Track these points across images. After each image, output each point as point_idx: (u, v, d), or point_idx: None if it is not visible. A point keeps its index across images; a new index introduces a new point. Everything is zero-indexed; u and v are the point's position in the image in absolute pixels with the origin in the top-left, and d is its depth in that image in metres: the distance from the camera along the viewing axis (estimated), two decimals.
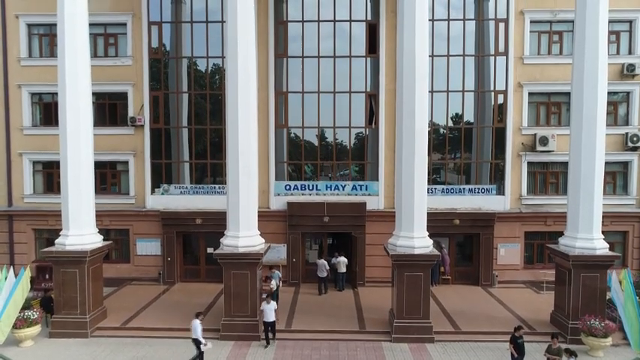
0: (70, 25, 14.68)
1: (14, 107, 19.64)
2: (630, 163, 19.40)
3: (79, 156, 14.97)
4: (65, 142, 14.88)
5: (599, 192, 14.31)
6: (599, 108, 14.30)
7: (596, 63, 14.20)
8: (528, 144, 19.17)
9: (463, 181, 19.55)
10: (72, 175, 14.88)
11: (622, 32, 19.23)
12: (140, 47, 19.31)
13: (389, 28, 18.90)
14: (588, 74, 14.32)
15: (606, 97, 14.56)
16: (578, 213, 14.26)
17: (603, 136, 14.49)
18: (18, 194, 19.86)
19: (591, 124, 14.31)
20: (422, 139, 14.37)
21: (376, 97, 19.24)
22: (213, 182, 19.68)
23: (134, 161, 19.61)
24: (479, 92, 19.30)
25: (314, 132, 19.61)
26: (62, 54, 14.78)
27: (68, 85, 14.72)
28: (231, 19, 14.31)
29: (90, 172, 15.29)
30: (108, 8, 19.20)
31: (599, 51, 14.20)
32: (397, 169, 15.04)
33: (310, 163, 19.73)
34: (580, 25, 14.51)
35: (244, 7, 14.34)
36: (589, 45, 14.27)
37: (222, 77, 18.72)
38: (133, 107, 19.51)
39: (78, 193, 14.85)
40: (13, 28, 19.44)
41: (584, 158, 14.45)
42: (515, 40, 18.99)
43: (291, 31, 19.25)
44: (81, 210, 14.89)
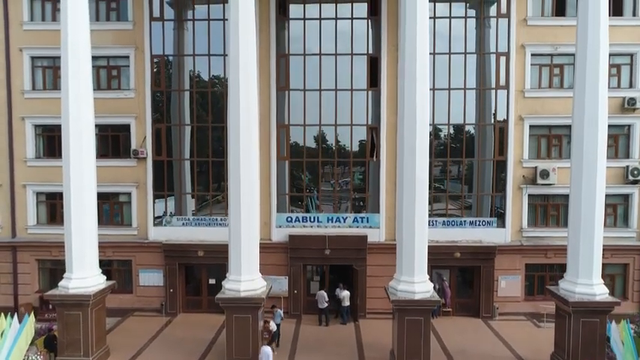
0: (74, 58, 14.82)
1: (18, 139, 19.78)
2: (631, 196, 19.44)
3: (82, 189, 15.13)
4: (68, 175, 14.98)
5: (599, 237, 14.38)
6: (600, 142, 14.36)
7: (596, 97, 14.27)
8: (529, 177, 19.23)
9: (464, 214, 19.60)
10: (75, 212, 15.03)
11: (623, 65, 19.27)
12: (143, 80, 19.43)
13: (390, 61, 18.96)
14: (589, 108, 14.38)
15: (607, 131, 14.57)
16: (578, 258, 14.33)
17: (604, 173, 14.54)
18: (22, 225, 20.01)
19: (592, 159, 14.35)
20: (422, 179, 14.44)
21: (377, 130, 19.32)
22: (214, 214, 19.78)
23: (136, 193, 19.74)
24: (480, 125, 19.37)
25: (316, 163, 19.72)
26: (65, 86, 14.92)
27: (71, 117, 14.87)
28: (233, 52, 14.40)
29: (93, 208, 15.43)
30: (110, 41, 19.31)
31: (600, 85, 14.26)
32: (398, 210, 15.14)
33: (311, 195, 19.85)
34: (581, 59, 14.57)
35: (246, 41, 14.45)
36: (590, 79, 14.34)
37: (225, 109, 18.80)
38: (135, 139, 19.64)
39: (81, 231, 14.99)
40: (16, 61, 19.57)
41: (584, 197, 14.55)
42: (517, 73, 19.05)
43: (292, 64, 19.34)
44: (84, 251, 15.02)
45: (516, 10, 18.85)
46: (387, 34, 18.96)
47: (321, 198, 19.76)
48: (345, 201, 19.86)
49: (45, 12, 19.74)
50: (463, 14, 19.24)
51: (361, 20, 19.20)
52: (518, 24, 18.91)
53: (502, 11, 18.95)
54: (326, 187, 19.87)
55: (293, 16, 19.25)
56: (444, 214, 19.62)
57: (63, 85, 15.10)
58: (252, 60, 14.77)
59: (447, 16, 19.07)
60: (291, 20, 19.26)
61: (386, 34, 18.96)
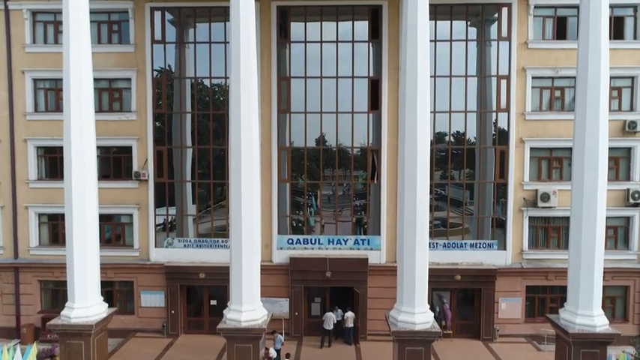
0: (76, 81, 14.86)
1: (20, 160, 19.87)
2: (632, 219, 19.44)
3: (84, 211, 15.19)
4: (70, 196, 15.01)
5: (600, 267, 14.40)
6: (601, 165, 14.38)
7: (597, 119, 14.31)
8: (530, 199, 19.25)
9: (465, 236, 19.63)
10: (77, 236, 15.07)
11: (624, 88, 19.28)
12: (144, 102, 19.49)
13: (391, 84, 19.00)
14: (590, 131, 14.43)
15: (608, 154, 14.60)
16: (579, 288, 14.36)
17: (604, 198, 14.55)
18: (24, 246, 20.09)
19: (593, 182, 14.36)
20: (423, 201, 14.45)
21: (378, 152, 19.36)
22: (216, 235, 19.84)
23: (138, 214, 19.81)
24: (481, 148, 19.40)
25: (317, 185, 19.77)
26: (67, 108, 14.97)
27: (73, 139, 14.93)
28: (234, 75, 14.41)
29: (95, 232, 15.43)
30: (112, 64, 19.39)
31: (601, 108, 14.31)
32: (399, 238, 15.15)
33: (313, 217, 19.92)
34: (582, 82, 14.59)
35: (247, 64, 14.43)
36: (590, 102, 14.37)
37: (226, 131, 18.87)
38: (137, 161, 19.70)
39: (83, 258, 15.03)
40: (19, 83, 19.65)
41: (584, 223, 14.57)
42: (517, 96, 19.07)
43: (294, 87, 19.39)
44: (86, 279, 15.03)
45: (517, 33, 18.87)
46: (388, 57, 18.99)
47: (322, 219, 19.80)
48: (346, 222, 19.89)
49: (47, 34, 19.81)
50: (464, 33, 19.24)
51: (362, 43, 19.22)
52: (519, 47, 18.93)
53: (503, 34, 18.96)
54: (327, 209, 19.89)
55: (294, 39, 19.29)
56: (444, 236, 19.66)
57: (65, 107, 15.14)
58: (254, 83, 14.78)
59: (448, 39, 19.08)
60: (292, 43, 19.30)
61: (387, 56, 19.00)
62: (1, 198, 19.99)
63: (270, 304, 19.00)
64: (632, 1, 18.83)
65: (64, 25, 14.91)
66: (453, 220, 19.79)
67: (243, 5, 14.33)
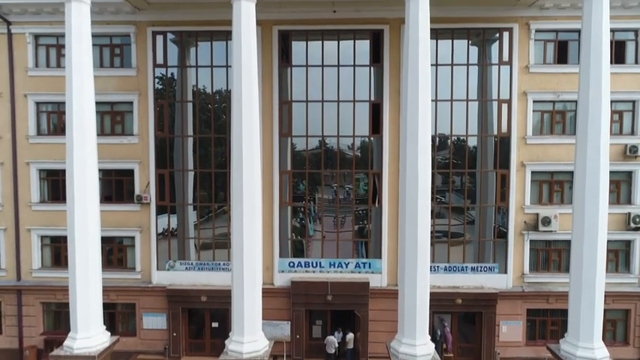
0: (78, 104, 14.89)
1: (23, 183, 19.94)
2: (633, 242, 19.46)
3: (86, 233, 15.19)
4: (73, 219, 15.00)
5: (601, 299, 14.43)
6: (602, 189, 14.40)
7: (598, 144, 14.34)
8: (531, 223, 19.28)
9: (466, 259, 19.66)
10: (80, 261, 15.07)
11: (625, 112, 19.29)
12: (146, 126, 19.56)
13: (392, 108, 19.04)
14: (591, 155, 14.45)
15: (609, 178, 14.64)
16: (580, 320, 14.39)
17: (605, 223, 14.55)
18: (26, 268, 20.18)
19: (594, 207, 14.38)
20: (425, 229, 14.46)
21: (380, 175, 19.40)
22: (217, 259, 19.90)
23: (140, 237, 19.87)
24: (481, 172, 19.43)
25: (318, 208, 19.84)
26: (70, 132, 15.01)
27: (76, 162, 14.96)
28: (236, 99, 14.44)
29: (97, 257, 15.41)
30: (114, 88, 19.45)
31: (602, 132, 14.33)
32: (400, 268, 15.14)
33: (314, 240, 19.98)
34: (583, 106, 14.59)
35: (249, 88, 14.44)
36: (592, 126, 14.39)
37: (228, 155, 18.95)
38: (139, 184, 19.76)
39: (86, 286, 15.04)
40: (21, 107, 19.72)
41: (586, 253, 14.59)
42: (518, 120, 19.08)
43: (295, 110, 19.45)
44: (89, 309, 15.02)
45: (518, 57, 18.89)
46: (389, 81, 19.03)
47: (323, 243, 19.86)
48: (347, 246, 19.93)
49: (49, 57, 19.88)
50: (465, 53, 19.22)
51: (364, 67, 19.26)
52: (520, 71, 18.95)
53: (504, 58, 18.99)
54: (329, 231, 19.95)
55: (296, 63, 19.33)
56: (446, 259, 19.68)
57: (67, 131, 15.16)
58: (255, 107, 14.79)
59: (449, 63, 19.11)
60: (293, 67, 19.34)
61: (388, 80, 19.03)
62: (3, 220, 20.08)
63: (272, 326, 19.11)
64: (633, 25, 18.84)
65: (67, 50, 14.91)
66: (454, 243, 19.79)
67: (245, 31, 14.36)
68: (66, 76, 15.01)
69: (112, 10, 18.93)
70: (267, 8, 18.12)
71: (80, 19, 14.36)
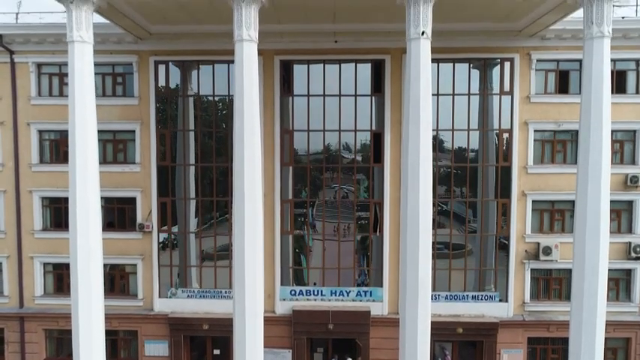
0: (81, 133, 14.92)
1: (25, 211, 20.03)
2: (633, 271, 19.51)
3: (89, 261, 15.26)
4: (75, 247, 15.06)
5: (601, 328, 14.43)
6: (603, 219, 14.38)
7: (599, 174, 14.33)
8: (532, 252, 19.32)
9: (467, 288, 19.72)
10: (82, 289, 15.18)
11: (626, 142, 19.34)
12: (148, 154, 19.62)
13: (394, 137, 19.07)
14: (592, 185, 14.41)
15: (610, 207, 14.64)
16: (580, 349, 14.32)
17: (606, 256, 14.55)
18: (29, 295, 20.27)
19: (595, 237, 14.36)
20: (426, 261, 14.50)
21: (381, 204, 19.46)
22: (219, 286, 19.98)
23: (142, 265, 19.96)
24: (482, 201, 19.49)
25: (319, 238, 19.95)
26: (72, 160, 15.04)
27: (78, 190, 15.00)
28: (238, 130, 14.55)
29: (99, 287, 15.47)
30: (117, 117, 19.52)
31: (603, 162, 14.32)
32: (401, 306, 15.13)
33: (315, 268, 20.07)
34: (584, 136, 14.57)
35: (250, 120, 14.54)
36: (593, 156, 14.37)
37: (229, 182, 18.97)
38: (141, 212, 19.84)
39: (89, 320, 15.16)
40: (24, 135, 19.78)
41: (587, 285, 14.60)
42: (519, 149, 19.12)
43: (296, 138, 19.53)
44: (91, 334, 15.03)
45: (519, 87, 18.92)
46: (390, 110, 19.07)
47: (324, 271, 19.94)
48: (349, 273, 20.02)
49: (52, 86, 19.96)
50: (466, 80, 19.29)
51: (365, 97, 19.33)
52: (521, 101, 18.99)
53: (505, 88, 19.04)
54: (330, 259, 20.04)
55: (297, 93, 19.41)
56: (447, 287, 19.74)
57: (70, 159, 15.21)
58: (257, 137, 14.91)
59: (450, 93, 19.17)
60: (295, 96, 19.42)
61: (389, 110, 19.07)
62: (6, 248, 20.17)
63: (273, 354, 19.20)
64: (633, 55, 18.89)
65: (70, 88, 14.96)
66: (456, 272, 19.83)
67: (247, 72, 14.45)
68: (69, 106, 14.97)
69: (115, 40, 19.00)
70: (268, 38, 18.08)
71: (83, 60, 14.40)
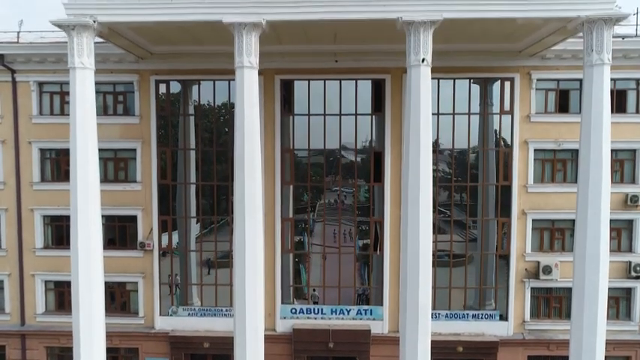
0: (82, 152, 15.00)
1: (27, 229, 20.10)
2: (633, 290, 19.54)
3: (90, 280, 15.36)
4: (77, 265, 15.15)
5: (602, 347, 14.51)
6: (603, 240, 14.46)
7: (599, 193, 14.39)
8: (532, 271, 19.35)
9: (467, 307, 19.76)
10: (83, 308, 15.29)
11: (626, 161, 19.37)
12: (149, 173, 19.67)
13: (394, 156, 19.11)
14: (592, 204, 14.49)
15: (610, 226, 14.72)
16: None
17: (606, 272, 14.64)
18: (30, 313, 20.34)
19: (595, 255, 14.43)
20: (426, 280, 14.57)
21: (382, 223, 19.50)
22: (220, 304, 20.04)
23: (143, 283, 20.01)
24: (482, 220, 19.53)
25: (319, 256, 20.01)
26: (74, 179, 15.12)
27: (80, 208, 15.10)
28: (238, 149, 14.67)
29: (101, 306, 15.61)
30: (118, 135, 19.59)
31: (603, 181, 14.38)
32: (401, 326, 15.26)
33: (316, 287, 20.13)
34: (584, 155, 14.64)
35: (251, 138, 14.66)
36: (593, 175, 14.44)
37: (230, 201, 19.04)
38: (142, 230, 19.89)
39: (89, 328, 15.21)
40: (25, 153, 19.86)
41: (587, 307, 14.66)
42: (519, 168, 19.15)
43: (297, 158, 19.60)
44: (92, 351, 15.15)
45: (519, 106, 18.95)
46: (390, 130, 19.11)
47: (325, 288, 20.00)
48: (349, 292, 20.08)
49: (53, 104, 20.02)
50: (467, 98, 19.34)
51: (365, 116, 19.38)
52: (521, 120, 19.01)
53: (505, 108, 19.06)
54: (330, 278, 20.09)
55: (298, 112, 19.46)
56: (447, 305, 19.78)
57: (72, 178, 15.27)
58: (257, 156, 15.04)
59: (451, 113, 19.21)
60: (295, 116, 19.47)
61: (390, 129, 19.11)
62: (8, 265, 20.24)
63: None
64: (633, 75, 18.91)
65: (71, 105, 14.91)
66: (456, 290, 19.86)
67: (248, 89, 14.56)
68: (70, 136, 15.01)
69: (116, 59, 19.05)
70: (269, 58, 18.09)
71: (84, 86, 14.48)
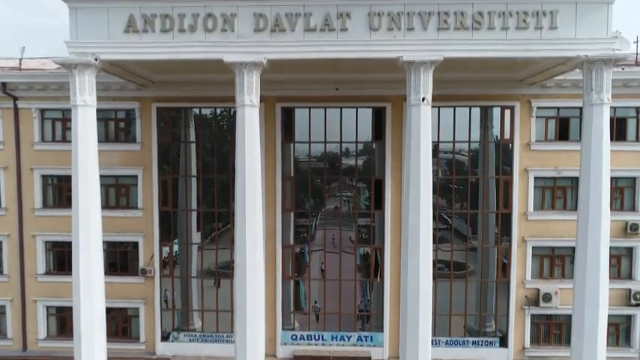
0: (83, 178, 15.11)
1: (29, 254, 20.17)
2: (633, 317, 19.59)
3: (92, 304, 15.47)
4: (78, 290, 15.27)
5: None
6: (602, 267, 14.58)
7: (599, 220, 14.52)
8: (532, 298, 19.40)
9: (467, 333, 19.83)
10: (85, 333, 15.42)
11: (626, 188, 19.41)
12: (150, 199, 19.73)
13: (394, 184, 19.16)
14: (592, 231, 14.61)
15: (610, 253, 14.82)
16: None
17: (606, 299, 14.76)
18: (32, 338, 20.41)
19: (594, 283, 14.57)
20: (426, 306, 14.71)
21: (382, 250, 19.57)
22: (221, 330, 20.11)
23: (144, 309, 20.08)
24: (482, 247, 19.59)
25: (320, 284, 20.06)
26: (75, 205, 15.21)
27: (81, 234, 15.20)
28: (239, 178, 14.82)
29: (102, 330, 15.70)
30: (119, 162, 19.65)
31: (602, 209, 14.50)
32: (401, 343, 15.32)
33: (317, 311, 20.22)
34: (584, 183, 14.76)
35: (252, 166, 14.84)
36: (592, 202, 14.56)
37: (231, 229, 19.10)
38: (143, 256, 19.96)
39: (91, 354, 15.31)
40: (27, 180, 19.93)
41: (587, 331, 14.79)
42: (519, 196, 19.20)
43: (297, 187, 19.67)
44: None
45: (520, 134, 19.00)
46: (391, 158, 19.16)
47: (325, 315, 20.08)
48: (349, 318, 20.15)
49: (55, 131, 20.08)
50: (467, 124, 19.43)
51: (366, 143, 19.45)
52: (521, 148, 19.05)
53: (506, 136, 19.12)
54: (331, 304, 20.17)
55: (299, 139, 19.53)
56: (447, 332, 19.85)
57: (73, 204, 15.36)
58: (258, 184, 15.15)
59: (451, 140, 19.27)
60: (296, 143, 19.55)
61: (390, 157, 19.16)
62: (10, 291, 20.32)
63: None
64: (633, 103, 18.96)
65: (73, 141, 14.97)
66: (456, 317, 19.93)
67: (249, 126, 14.68)
68: (72, 151, 15.07)
69: (117, 87, 19.10)
70: (270, 86, 18.23)
71: (86, 123, 14.58)
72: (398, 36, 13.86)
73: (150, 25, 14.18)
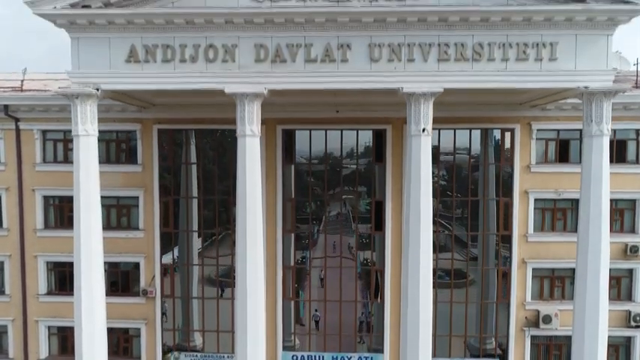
0: (85, 199, 15.21)
1: (30, 275, 20.26)
2: (633, 339, 19.63)
3: (93, 325, 15.61)
4: (80, 310, 15.37)
5: None
6: (602, 287, 14.65)
7: (599, 242, 14.62)
8: (532, 319, 19.44)
9: (467, 354, 19.89)
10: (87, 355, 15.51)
11: (626, 210, 19.45)
12: (152, 220, 19.79)
13: (395, 205, 19.22)
14: (592, 254, 14.71)
15: (610, 274, 14.94)
16: None
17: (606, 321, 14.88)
18: (34, 358, 20.47)
19: (594, 304, 14.65)
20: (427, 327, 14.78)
21: (382, 271, 19.62)
22: (222, 350, 20.18)
23: (146, 329, 20.15)
24: (482, 269, 19.64)
25: (321, 304, 20.15)
26: (77, 226, 15.31)
27: (83, 255, 15.30)
28: (240, 199, 14.97)
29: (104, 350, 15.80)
30: (120, 184, 19.71)
31: (602, 230, 14.59)
32: None
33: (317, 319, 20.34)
34: (584, 205, 14.85)
35: (253, 188, 14.93)
36: (592, 224, 14.65)
37: (232, 250, 19.17)
38: (144, 277, 20.02)
39: None
40: (29, 200, 20.01)
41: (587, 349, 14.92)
42: (519, 218, 19.24)
43: (298, 206, 19.73)
44: None
45: (520, 156, 19.04)
46: (391, 179, 19.22)
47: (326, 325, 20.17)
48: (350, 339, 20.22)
49: (57, 152, 20.17)
50: (466, 145, 19.53)
51: (366, 166, 19.52)
52: (521, 170, 19.09)
53: (506, 158, 19.17)
54: (331, 323, 20.24)
55: (299, 161, 19.60)
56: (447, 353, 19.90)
57: (75, 225, 15.47)
58: (259, 206, 15.27)
59: (451, 159, 19.33)
60: (297, 165, 19.62)
61: (390, 179, 19.21)
62: (11, 311, 20.40)
63: None
64: (633, 126, 19.00)
65: (75, 169, 15.14)
66: (456, 338, 19.99)
67: (250, 155, 14.85)
68: (74, 172, 15.18)
69: (118, 109, 19.17)
70: (270, 108, 18.24)
71: (88, 152, 14.68)
72: (398, 67, 13.92)
73: (151, 55, 14.25)
